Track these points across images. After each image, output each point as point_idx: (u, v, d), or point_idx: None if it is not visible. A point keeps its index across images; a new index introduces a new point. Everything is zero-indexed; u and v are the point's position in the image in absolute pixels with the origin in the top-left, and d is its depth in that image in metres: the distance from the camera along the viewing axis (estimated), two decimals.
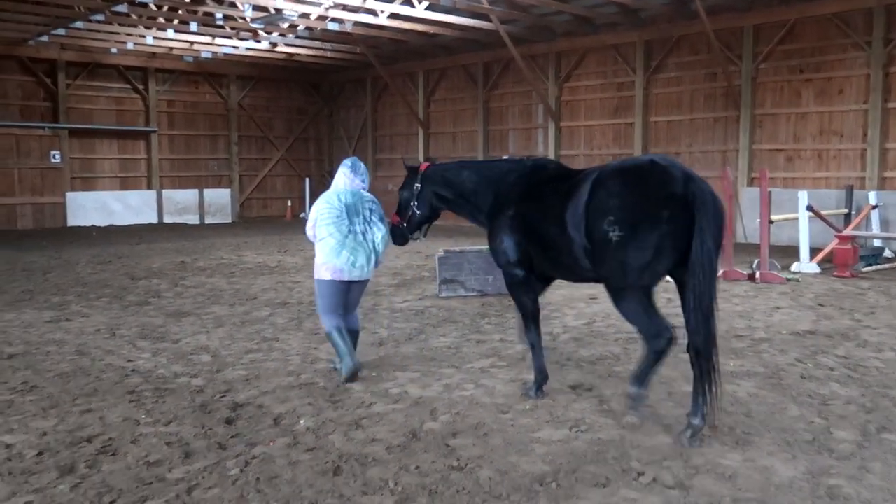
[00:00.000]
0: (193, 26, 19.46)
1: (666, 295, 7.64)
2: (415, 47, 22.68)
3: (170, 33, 20.21)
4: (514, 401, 5.69)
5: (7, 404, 5.68)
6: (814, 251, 12.77)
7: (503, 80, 22.71)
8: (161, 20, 19.29)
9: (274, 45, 21.99)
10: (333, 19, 18.86)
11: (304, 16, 18.36)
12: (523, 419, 5.27)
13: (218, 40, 21.33)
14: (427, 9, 17.94)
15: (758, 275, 11.41)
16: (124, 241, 18.20)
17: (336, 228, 6.23)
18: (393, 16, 18.55)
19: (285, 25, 19.50)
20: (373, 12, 18.29)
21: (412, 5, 17.70)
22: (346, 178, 6.43)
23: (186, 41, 21.47)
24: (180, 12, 18.67)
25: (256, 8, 17.79)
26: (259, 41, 21.45)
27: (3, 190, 21.73)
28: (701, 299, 4.62)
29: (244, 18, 18.60)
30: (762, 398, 5.75)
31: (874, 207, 14.19)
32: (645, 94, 19.31)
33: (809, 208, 12.48)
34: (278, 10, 17.70)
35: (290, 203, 27.04)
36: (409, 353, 7.20)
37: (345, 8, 18.03)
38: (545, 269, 5.55)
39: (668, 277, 5.06)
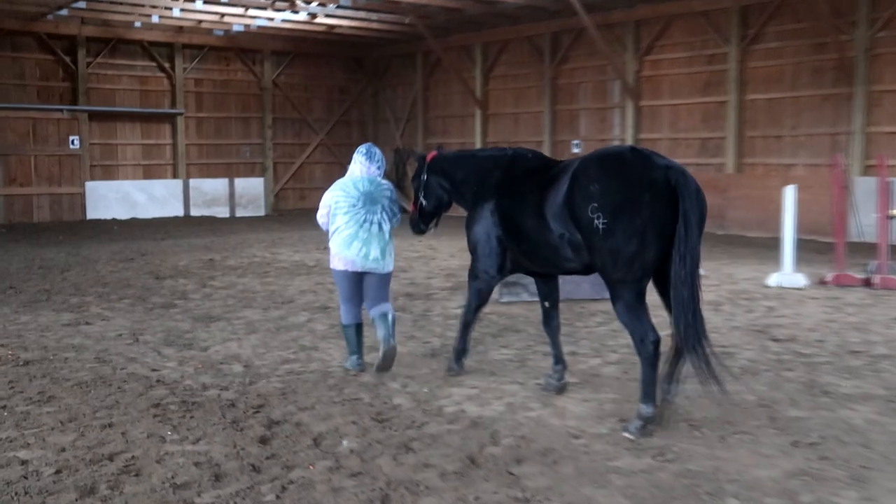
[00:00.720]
0: None
1: None
2: (471, 16, 22.64)
3: (198, 4, 20.61)
4: (589, 423, 5.62)
5: (23, 416, 5.86)
6: None
7: (573, 54, 22.51)
8: None
9: (313, 16, 22.23)
10: None
11: None
12: (599, 445, 5.21)
13: (251, 12, 21.66)
14: None
15: (875, 279, 11.10)
16: (148, 236, 18.67)
17: (351, 218, 6.78)
18: None
19: None
20: None
21: None
22: (362, 166, 6.94)
23: (216, 13, 21.87)
24: None
25: None
26: (296, 12, 21.70)
27: (19, 179, 22.49)
28: (681, 288, 5.09)
29: None
30: (883, 426, 5.57)
31: None
32: (740, 68, 18.89)
33: None
34: None
35: None
36: (466, 366, 7.17)
37: None
38: (523, 263, 6.22)
39: None
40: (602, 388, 6.51)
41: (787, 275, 11.29)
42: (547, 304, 6.47)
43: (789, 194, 11.44)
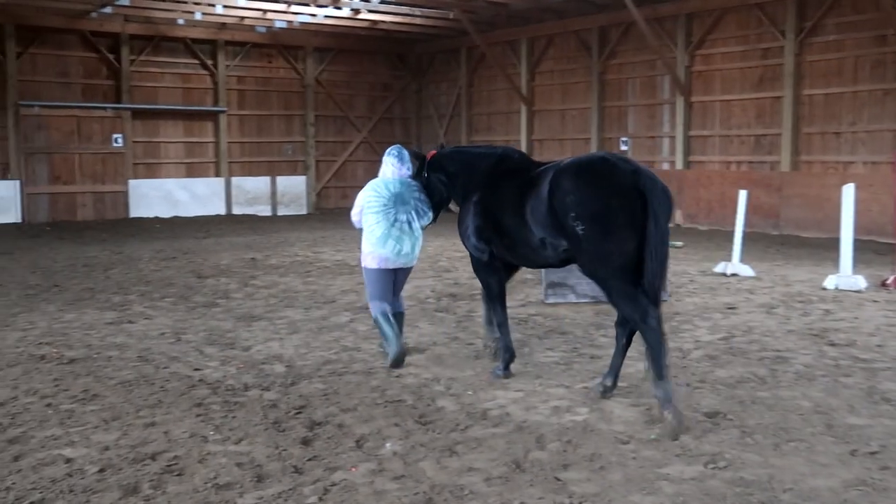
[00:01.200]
0: None
1: None
2: (517, 11, 22.59)
3: (241, 1, 20.88)
4: (637, 429, 5.58)
5: (68, 414, 6.01)
6: None
7: (622, 48, 22.32)
8: None
9: (356, 11, 22.38)
10: None
11: None
12: (647, 451, 5.17)
13: (294, 7, 21.88)
14: None
15: None
16: (190, 235, 18.97)
17: (383, 217, 7.25)
18: None
19: None
20: None
21: None
22: (393, 168, 7.41)
23: (259, 9, 22.12)
24: None
25: None
26: (339, 8, 21.87)
27: (63, 177, 23.00)
28: (650, 278, 5.62)
29: None
30: None
31: None
32: (796, 61, 18.55)
33: None
34: None
35: None
36: (511, 368, 7.16)
37: None
38: (503, 255, 6.77)
39: None
40: (650, 392, 6.44)
41: (846, 277, 11.07)
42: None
43: (848, 193, 11.22)
